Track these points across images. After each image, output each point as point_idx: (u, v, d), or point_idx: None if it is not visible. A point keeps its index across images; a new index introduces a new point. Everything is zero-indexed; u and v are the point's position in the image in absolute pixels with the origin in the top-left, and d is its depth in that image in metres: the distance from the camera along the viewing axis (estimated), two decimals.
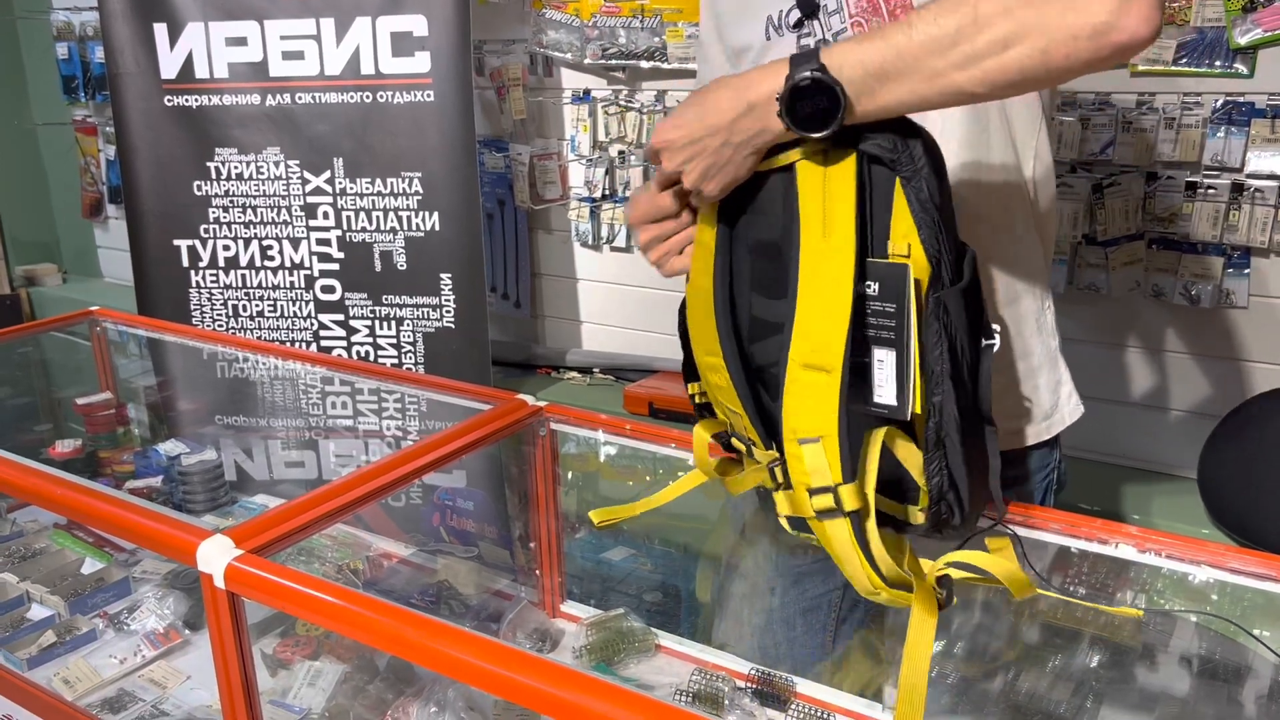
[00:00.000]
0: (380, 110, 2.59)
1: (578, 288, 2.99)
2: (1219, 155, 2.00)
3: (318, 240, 2.70)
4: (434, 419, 1.68)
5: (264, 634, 1.47)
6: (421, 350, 2.71)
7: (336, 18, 2.56)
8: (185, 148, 2.70)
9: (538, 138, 2.89)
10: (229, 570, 0.97)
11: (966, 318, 0.93)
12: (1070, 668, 1.19)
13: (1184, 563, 1.04)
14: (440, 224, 2.62)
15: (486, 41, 2.85)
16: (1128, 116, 2.07)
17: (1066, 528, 1.08)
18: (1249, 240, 2.00)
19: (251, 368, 2.13)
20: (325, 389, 2.07)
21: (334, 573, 1.63)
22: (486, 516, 1.71)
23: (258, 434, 2.25)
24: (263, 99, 2.64)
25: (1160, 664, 1.17)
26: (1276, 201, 1.97)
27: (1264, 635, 1.02)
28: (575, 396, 2.78)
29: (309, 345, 2.76)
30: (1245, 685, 1.10)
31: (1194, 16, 1.98)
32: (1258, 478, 1.89)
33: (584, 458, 1.57)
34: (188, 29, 2.64)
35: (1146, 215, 2.10)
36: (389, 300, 2.69)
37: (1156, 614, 1.13)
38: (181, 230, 2.75)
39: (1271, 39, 1.92)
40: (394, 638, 0.87)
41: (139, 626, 1.54)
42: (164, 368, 2.30)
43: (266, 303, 2.77)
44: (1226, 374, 2.10)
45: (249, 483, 2.16)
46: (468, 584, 1.58)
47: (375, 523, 1.75)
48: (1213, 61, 1.98)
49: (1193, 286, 2.08)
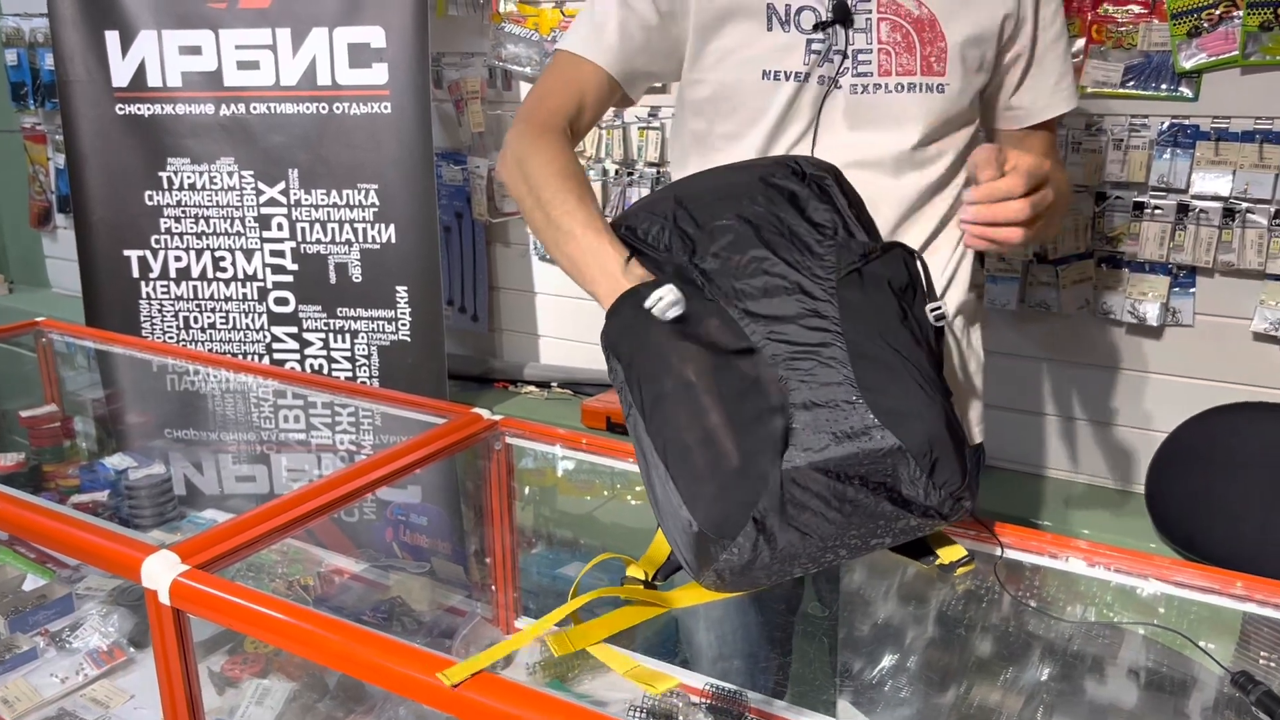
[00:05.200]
0: (336, 121, 2.57)
1: (536, 301, 2.98)
2: (1165, 176, 2.04)
3: (271, 252, 2.67)
4: (388, 433, 1.66)
5: (211, 651, 1.45)
6: (376, 364, 2.68)
7: (293, 28, 2.54)
8: (137, 157, 2.66)
9: (496, 151, 2.88)
10: (174, 586, 0.96)
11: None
12: (1021, 680, 1.20)
13: (1132, 576, 1.05)
14: (396, 236, 2.60)
15: (445, 54, 2.84)
16: (1077, 138, 2.10)
17: (1017, 541, 1.09)
18: (1194, 260, 2.04)
19: (203, 381, 2.10)
20: (278, 402, 2.05)
21: (284, 589, 1.61)
22: (440, 532, 1.69)
23: (208, 448, 2.21)
24: (217, 109, 2.61)
25: (1109, 676, 1.19)
26: (1220, 222, 2.01)
27: (1210, 647, 1.04)
28: (532, 411, 2.76)
29: (262, 358, 2.72)
30: (1191, 697, 1.12)
31: (1141, 40, 2.02)
32: (1204, 493, 1.92)
33: (541, 472, 1.57)
34: (140, 37, 2.60)
35: (1096, 234, 2.13)
36: (343, 313, 2.66)
37: (1105, 626, 1.14)
38: (132, 240, 2.71)
39: (1215, 63, 1.96)
40: (342, 655, 0.86)
41: (82, 645, 1.51)
42: (112, 380, 2.26)
43: (218, 315, 2.73)
44: (1173, 391, 2.14)
45: (199, 497, 2.13)
46: (420, 600, 1.56)
47: (327, 538, 1.73)
48: (1159, 85, 2.03)
49: (1140, 305, 2.12)
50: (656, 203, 1.10)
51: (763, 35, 1.23)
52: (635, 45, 1.27)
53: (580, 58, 1.29)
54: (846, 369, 0.90)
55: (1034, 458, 2.32)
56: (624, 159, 2.67)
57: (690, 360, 0.92)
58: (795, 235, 0.99)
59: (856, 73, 1.23)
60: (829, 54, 1.22)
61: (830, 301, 0.94)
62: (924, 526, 0.93)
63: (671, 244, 1.04)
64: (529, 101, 1.31)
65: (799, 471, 0.87)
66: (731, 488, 0.87)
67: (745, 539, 0.87)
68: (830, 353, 0.91)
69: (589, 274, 1.09)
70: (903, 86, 1.24)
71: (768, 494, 0.86)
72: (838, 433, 0.88)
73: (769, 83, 1.25)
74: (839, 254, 0.98)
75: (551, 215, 1.15)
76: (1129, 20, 2.03)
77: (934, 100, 1.25)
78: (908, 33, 1.22)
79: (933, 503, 0.90)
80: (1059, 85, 1.34)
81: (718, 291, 0.97)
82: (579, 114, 1.28)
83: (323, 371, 2.71)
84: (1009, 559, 1.09)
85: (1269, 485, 1.84)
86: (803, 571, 0.92)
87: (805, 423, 0.88)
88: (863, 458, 0.87)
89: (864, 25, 1.22)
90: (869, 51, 1.22)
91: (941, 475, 0.89)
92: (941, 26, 1.23)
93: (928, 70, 1.24)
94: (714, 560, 0.88)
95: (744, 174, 1.09)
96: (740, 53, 1.25)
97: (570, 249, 1.12)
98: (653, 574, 1.05)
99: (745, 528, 0.86)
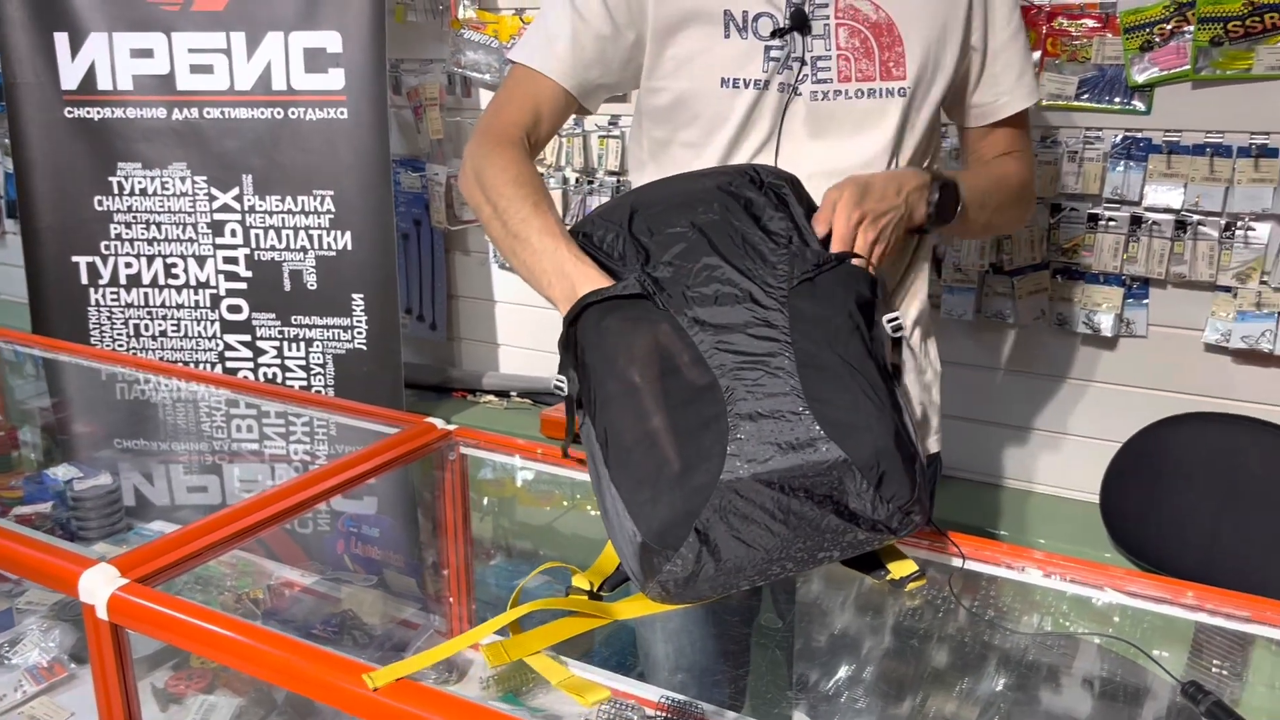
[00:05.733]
0: (292, 127, 2.53)
1: (495, 310, 2.96)
2: (1119, 189, 2.06)
3: (224, 259, 2.62)
4: (342, 443, 1.64)
5: (156, 666, 1.41)
6: (332, 372, 2.65)
7: (248, 31, 2.51)
8: (86, 161, 2.61)
9: (455, 158, 2.85)
10: (112, 600, 0.93)
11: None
12: (977, 690, 1.19)
13: (1087, 586, 1.06)
14: (353, 243, 2.57)
15: (404, 60, 2.81)
16: (1033, 149, 2.12)
17: (972, 552, 1.09)
18: (1148, 271, 2.07)
19: (153, 390, 2.06)
20: (230, 412, 2.01)
21: (233, 602, 1.57)
22: (394, 543, 1.67)
23: (158, 459, 2.17)
24: (169, 112, 2.57)
25: (1064, 686, 1.19)
26: (1172, 234, 2.03)
27: (1162, 657, 1.04)
28: (491, 420, 2.74)
29: (214, 367, 2.68)
30: (1144, 707, 1.12)
31: (1095, 54, 2.04)
32: (1157, 503, 1.94)
33: (499, 483, 1.55)
34: (90, 39, 2.55)
35: (1051, 246, 2.15)
36: (298, 321, 2.63)
37: (1060, 636, 1.14)
38: (81, 247, 2.65)
39: (1167, 77, 1.99)
40: (285, 670, 0.83)
41: (21, 660, 1.47)
42: (59, 389, 2.21)
43: (170, 322, 2.68)
44: (1128, 401, 2.16)
45: (148, 509, 2.08)
46: (373, 613, 1.54)
47: (279, 550, 1.70)
48: (1113, 98, 2.05)
49: (1095, 315, 2.14)
50: (613, 210, 1.09)
51: (720, 42, 1.23)
52: (588, 57, 1.26)
53: (533, 71, 1.28)
54: (794, 379, 0.89)
55: (990, 467, 2.33)
56: (584, 167, 2.66)
57: (638, 369, 0.91)
58: (749, 243, 0.99)
59: (816, 79, 1.23)
60: (788, 61, 1.22)
61: (781, 310, 0.93)
62: (872, 540, 0.92)
63: (626, 252, 1.03)
64: (486, 114, 1.31)
65: (742, 483, 0.85)
66: (673, 498, 0.85)
67: (688, 550, 0.85)
68: (778, 362, 0.90)
69: (545, 279, 1.08)
70: (863, 92, 1.23)
71: (709, 505, 0.85)
72: (782, 444, 0.86)
73: (728, 90, 1.24)
74: (792, 263, 0.97)
75: (509, 223, 1.14)
76: (1083, 34, 2.05)
77: (893, 104, 1.24)
78: (866, 38, 1.22)
79: (880, 517, 0.89)
80: (1019, 81, 1.34)
81: (669, 300, 0.96)
82: (535, 125, 1.28)
83: (276, 380, 2.67)
84: (965, 569, 1.08)
85: (1220, 495, 1.86)
86: (750, 585, 0.91)
87: (750, 433, 0.87)
88: (807, 470, 0.86)
89: (822, 31, 1.21)
90: (828, 58, 1.22)
91: (889, 489, 0.88)
92: (899, 30, 1.23)
93: (886, 75, 1.23)
94: (658, 571, 0.87)
95: (701, 182, 1.08)
96: (698, 60, 1.24)
97: (526, 255, 1.11)
98: (599, 584, 1.03)
99: (688, 539, 0.85)
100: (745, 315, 0.93)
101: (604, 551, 1.07)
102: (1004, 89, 1.34)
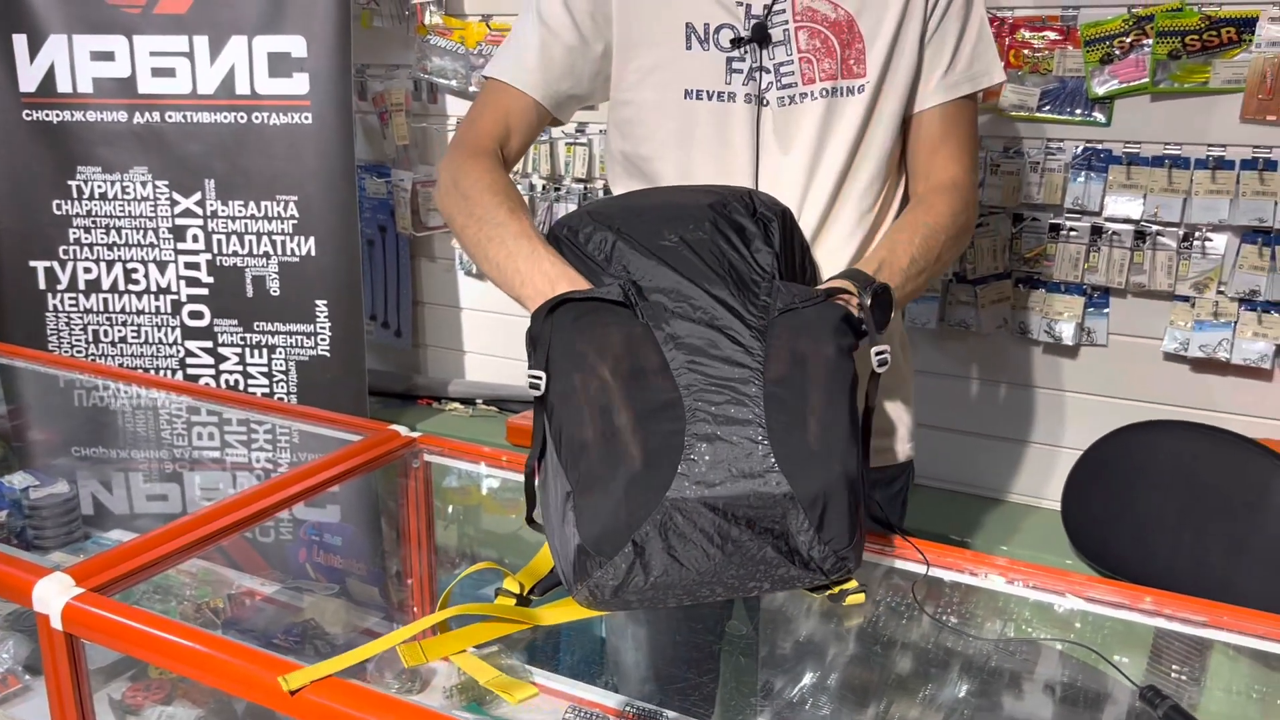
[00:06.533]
0: (255, 131, 2.51)
1: (461, 317, 2.95)
2: (1080, 199, 2.09)
3: (186, 264, 2.59)
4: (305, 451, 1.62)
5: (113, 677, 1.39)
6: (294, 379, 2.62)
7: (211, 35, 2.48)
8: (44, 164, 2.57)
9: (421, 164, 2.84)
10: (66, 610, 0.91)
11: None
12: (940, 696, 1.20)
13: (1048, 593, 1.06)
14: (316, 249, 2.55)
15: (370, 66, 2.80)
16: (996, 160, 2.15)
17: (936, 558, 1.09)
18: (1108, 281, 2.09)
19: (112, 396, 2.03)
20: (191, 419, 1.98)
21: (193, 611, 1.55)
22: (356, 552, 1.65)
23: (117, 466, 2.13)
24: (130, 116, 2.54)
25: (1026, 692, 1.20)
26: (1132, 244, 2.06)
27: (1122, 662, 1.05)
28: (457, 428, 2.72)
29: (175, 373, 2.64)
30: (1105, 711, 1.13)
31: (1056, 66, 2.07)
32: (1117, 510, 1.96)
33: (464, 491, 1.54)
34: (50, 41, 2.52)
35: (1013, 255, 2.18)
36: (261, 327, 2.60)
37: (1022, 642, 1.15)
38: (39, 251, 2.61)
39: (1126, 90, 2.02)
40: (243, 680, 0.82)
41: None
42: (15, 395, 2.17)
43: (130, 328, 2.64)
44: (1088, 409, 2.18)
45: (106, 517, 2.05)
46: (335, 623, 1.52)
47: (240, 559, 1.67)
48: (1073, 109, 2.08)
49: (1056, 324, 2.16)
50: (603, 210, 1.08)
51: (682, 54, 1.23)
52: (558, 70, 1.27)
53: (505, 84, 1.28)
54: (758, 409, 0.89)
55: (953, 474, 2.35)
56: (551, 174, 2.66)
57: (606, 371, 0.90)
58: (734, 270, 0.99)
59: (780, 85, 1.23)
60: (751, 73, 1.22)
61: (759, 340, 0.93)
62: (803, 579, 0.91)
63: (612, 254, 1.03)
64: (461, 128, 1.32)
65: (687, 503, 0.85)
66: (617, 506, 0.85)
67: (622, 560, 0.85)
68: (746, 390, 0.90)
69: (518, 278, 1.07)
70: (826, 91, 1.23)
71: (650, 520, 0.85)
72: (735, 470, 0.86)
73: (691, 102, 1.24)
74: (775, 295, 0.97)
75: (484, 226, 1.14)
76: (1045, 46, 2.08)
77: (855, 102, 1.23)
78: (826, 38, 1.22)
79: (815, 556, 0.88)
80: (950, 69, 1.27)
81: (649, 311, 0.96)
82: (508, 137, 1.28)
83: (238, 387, 2.64)
84: (928, 576, 1.09)
85: (1179, 501, 1.88)
86: (676, 603, 0.91)
87: (705, 456, 0.87)
88: (753, 500, 0.86)
89: (783, 37, 1.21)
90: (790, 62, 1.22)
91: (830, 531, 0.87)
92: (860, 26, 1.22)
93: (848, 73, 1.23)
94: (589, 576, 0.87)
95: (696, 198, 1.07)
96: (660, 72, 1.24)
97: (500, 255, 1.10)
98: (530, 587, 1.03)
99: (624, 549, 0.85)
100: (722, 339, 0.93)
101: (539, 553, 1.06)
102: (934, 77, 1.26)
